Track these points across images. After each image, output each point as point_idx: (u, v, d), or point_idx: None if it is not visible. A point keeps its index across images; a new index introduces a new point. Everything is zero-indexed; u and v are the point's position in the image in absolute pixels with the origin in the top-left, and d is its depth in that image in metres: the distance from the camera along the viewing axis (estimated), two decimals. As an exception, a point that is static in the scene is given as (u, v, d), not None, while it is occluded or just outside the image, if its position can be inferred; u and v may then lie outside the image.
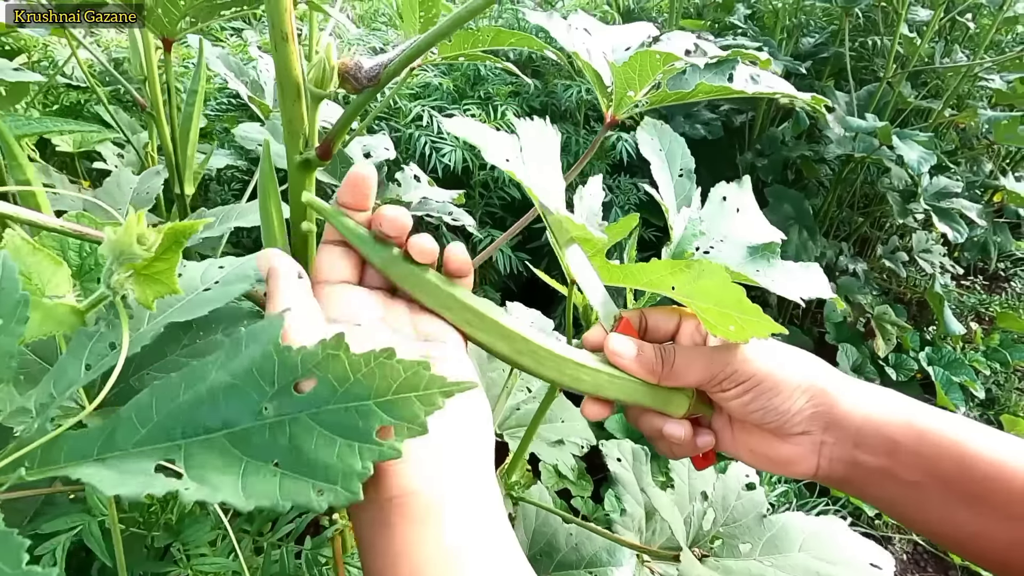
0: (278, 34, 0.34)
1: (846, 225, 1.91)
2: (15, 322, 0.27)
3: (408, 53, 0.34)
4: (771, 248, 0.56)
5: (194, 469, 0.24)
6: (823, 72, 1.77)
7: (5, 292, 0.27)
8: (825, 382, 0.37)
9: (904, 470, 0.35)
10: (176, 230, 0.29)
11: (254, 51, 1.20)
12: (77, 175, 1.20)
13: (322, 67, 0.35)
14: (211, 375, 0.25)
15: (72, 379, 0.28)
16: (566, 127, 1.62)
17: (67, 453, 0.25)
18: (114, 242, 0.28)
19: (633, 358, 0.36)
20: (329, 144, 0.37)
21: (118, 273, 0.29)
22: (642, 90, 0.56)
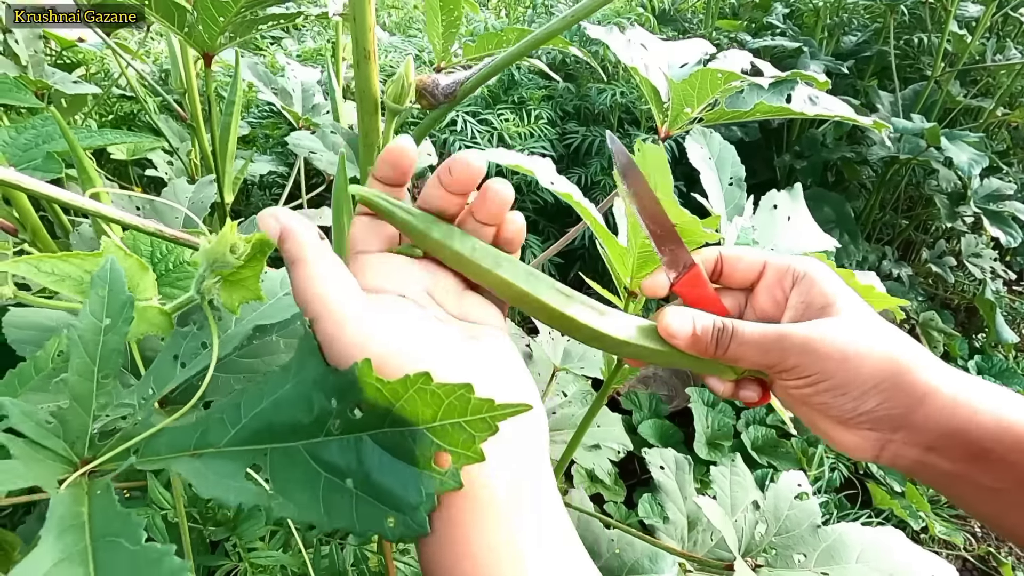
0: (361, 52, 0.35)
1: (889, 228, 1.85)
2: (122, 321, 0.29)
3: (484, 72, 0.35)
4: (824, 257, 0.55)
5: (279, 482, 0.25)
6: (865, 71, 1.72)
7: (113, 294, 0.29)
8: (909, 376, 0.32)
9: (987, 476, 0.32)
10: (262, 240, 0.31)
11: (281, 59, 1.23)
12: (130, 181, 1.25)
13: (401, 84, 0.37)
14: (287, 385, 0.27)
15: (168, 376, 0.30)
16: (599, 130, 1.62)
17: (167, 445, 0.27)
18: (209, 250, 0.30)
19: (687, 338, 0.33)
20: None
21: (208, 279, 0.31)
22: (699, 107, 0.56)
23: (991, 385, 0.33)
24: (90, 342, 0.29)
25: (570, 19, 0.35)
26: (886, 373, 0.32)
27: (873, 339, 0.32)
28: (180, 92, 0.70)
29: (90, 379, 0.29)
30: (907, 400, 0.32)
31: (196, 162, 1.01)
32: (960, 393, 0.32)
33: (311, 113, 0.83)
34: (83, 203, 0.34)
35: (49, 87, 0.91)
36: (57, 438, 0.27)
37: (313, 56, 1.73)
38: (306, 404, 0.26)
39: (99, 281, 0.30)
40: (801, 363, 0.32)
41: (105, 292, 0.30)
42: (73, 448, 0.27)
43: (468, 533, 0.25)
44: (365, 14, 0.36)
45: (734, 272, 0.37)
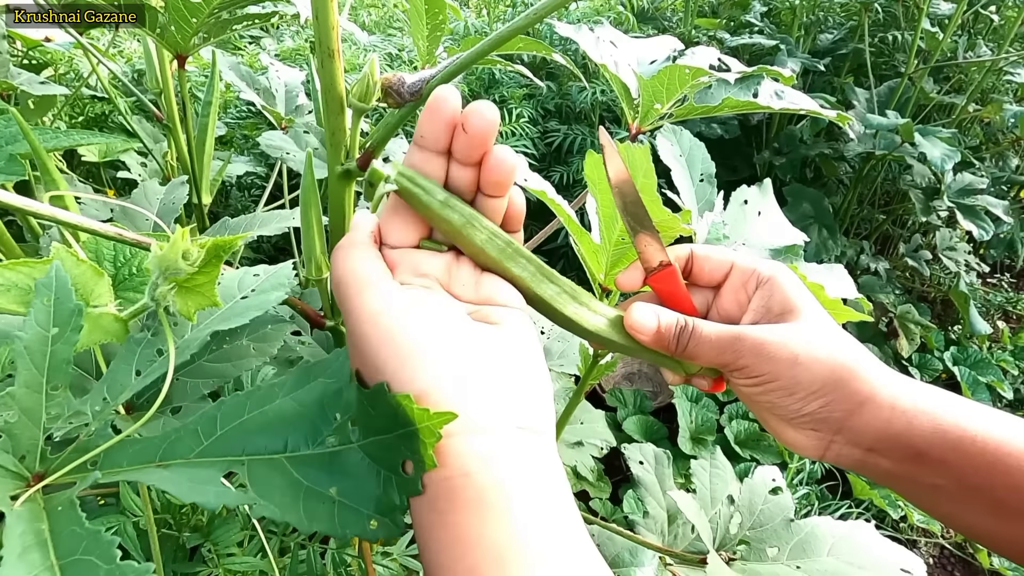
0: (324, 51, 0.34)
1: (867, 223, 1.88)
2: (70, 330, 0.28)
3: (450, 69, 0.35)
4: (794, 251, 0.55)
5: (258, 486, 0.25)
6: (842, 68, 1.74)
7: (60, 302, 0.29)
8: (852, 384, 0.34)
9: (926, 476, 0.33)
10: (217, 245, 0.30)
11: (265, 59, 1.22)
12: (102, 184, 1.22)
13: (366, 82, 0.36)
14: (277, 399, 0.27)
15: (124, 384, 0.30)
16: (581, 128, 1.62)
17: (130, 457, 0.27)
18: (160, 257, 0.29)
19: (651, 333, 0.35)
20: (370, 155, 0.38)
21: (162, 286, 0.30)
22: (669, 103, 0.56)
23: (931, 389, 0.35)
24: (37, 352, 0.28)
25: (533, 16, 0.35)
26: (830, 378, 0.33)
27: (823, 346, 0.34)
28: (156, 92, 0.69)
29: (39, 391, 0.28)
30: (847, 405, 0.33)
31: (172, 163, 0.99)
32: (900, 398, 0.34)
33: (294, 114, 0.82)
34: (36, 207, 0.33)
35: (15, 88, 0.89)
36: (6, 453, 0.26)
37: (292, 55, 1.71)
38: (303, 420, 0.27)
39: (44, 289, 0.29)
40: (751, 364, 0.34)
41: (51, 300, 0.29)
42: (23, 463, 0.27)
43: (464, 527, 0.24)
44: (328, 13, 0.36)
45: (702, 271, 0.38)
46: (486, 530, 0.24)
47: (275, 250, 1.51)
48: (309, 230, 0.44)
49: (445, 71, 0.38)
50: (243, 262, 1.27)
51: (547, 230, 0.61)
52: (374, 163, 0.32)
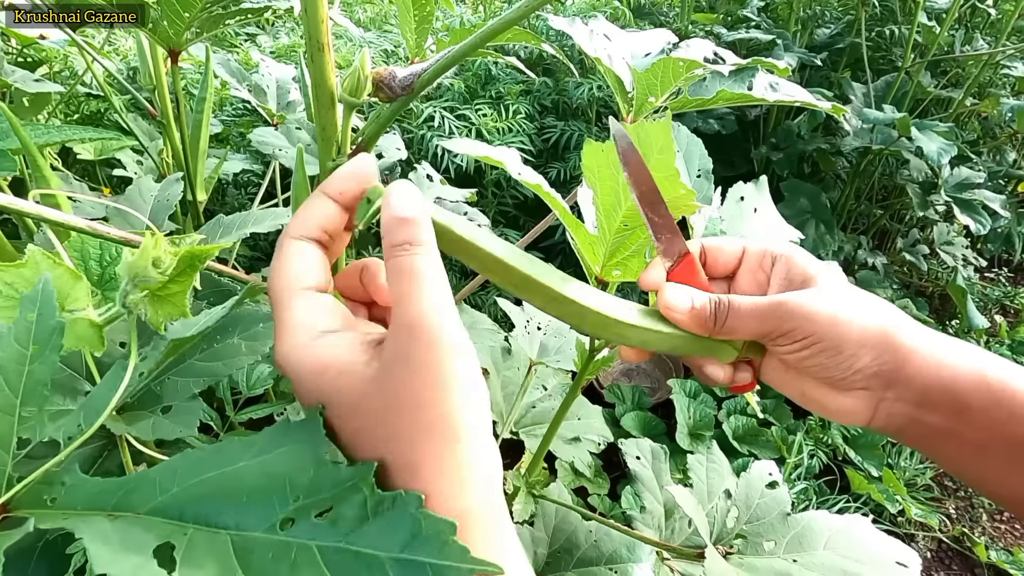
0: (314, 45, 0.34)
1: (864, 218, 1.88)
2: (50, 350, 0.27)
3: (441, 63, 0.35)
4: (790, 245, 0.55)
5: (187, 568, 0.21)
6: (839, 63, 1.74)
7: (43, 318, 0.27)
8: (895, 337, 0.33)
9: (971, 431, 0.33)
10: (192, 254, 0.29)
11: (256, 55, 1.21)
12: (98, 182, 1.22)
13: (357, 76, 0.36)
14: (242, 461, 0.24)
15: (100, 409, 0.29)
16: (577, 125, 1.62)
17: (88, 499, 0.25)
18: (130, 264, 0.28)
19: (686, 312, 0.35)
20: (361, 150, 0.37)
21: (133, 293, 0.29)
22: (663, 96, 0.56)
23: (970, 345, 0.35)
24: (12, 372, 0.27)
25: (526, 8, 0.35)
26: (875, 331, 0.33)
27: (858, 303, 0.34)
28: (149, 89, 0.69)
29: (11, 414, 0.26)
30: (896, 356, 0.33)
31: (168, 161, 0.99)
32: (942, 351, 0.34)
33: (286, 110, 0.82)
34: (20, 205, 0.33)
35: (9, 86, 0.89)
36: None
37: (287, 52, 1.70)
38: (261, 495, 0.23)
39: (28, 304, 0.27)
40: (797, 327, 0.34)
41: (34, 316, 0.27)
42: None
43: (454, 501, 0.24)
44: (317, 6, 0.36)
45: (716, 261, 0.38)
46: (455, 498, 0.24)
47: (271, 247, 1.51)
48: None
49: (437, 65, 0.37)
50: (239, 260, 1.26)
51: (541, 226, 0.61)
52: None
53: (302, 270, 0.28)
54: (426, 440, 0.24)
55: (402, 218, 0.27)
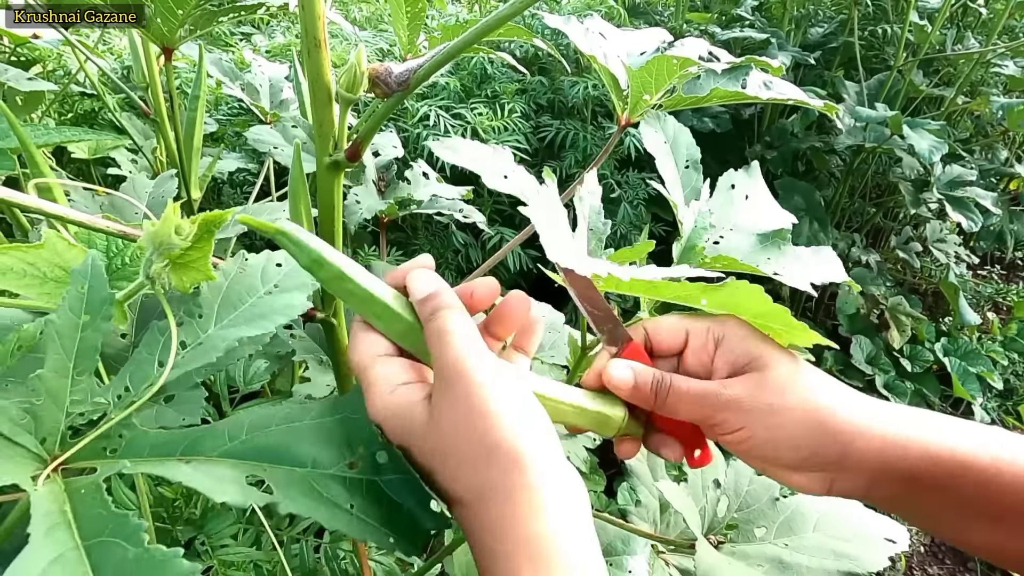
0: (311, 41, 0.35)
1: (858, 216, 1.89)
2: (100, 318, 0.29)
3: (437, 59, 0.35)
4: (782, 235, 0.56)
5: (281, 490, 0.27)
6: (832, 62, 1.75)
7: (94, 290, 0.29)
8: (837, 424, 0.34)
9: (926, 500, 0.34)
10: (208, 219, 0.31)
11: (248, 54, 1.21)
12: (93, 181, 1.22)
13: (353, 72, 0.37)
14: (305, 420, 0.30)
15: (146, 374, 0.30)
16: (573, 123, 1.62)
17: (152, 449, 0.28)
18: (153, 233, 0.30)
19: (629, 387, 0.36)
20: (358, 146, 0.38)
21: (156, 263, 0.30)
22: (658, 94, 0.56)
23: (917, 413, 0.35)
24: (67, 338, 0.29)
25: (519, 5, 0.36)
26: (810, 423, 0.34)
27: (796, 391, 0.34)
28: (143, 87, 0.69)
29: (65, 375, 0.29)
30: (838, 444, 0.34)
31: (163, 160, 0.99)
32: (889, 428, 0.34)
33: (279, 108, 0.82)
34: (25, 200, 0.33)
35: (2, 84, 0.88)
36: (28, 434, 0.27)
37: (283, 51, 1.70)
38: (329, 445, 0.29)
39: (79, 277, 0.30)
40: (729, 418, 0.34)
41: (85, 288, 0.30)
42: (44, 445, 0.27)
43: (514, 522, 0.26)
44: (314, 3, 0.36)
45: (660, 341, 0.39)
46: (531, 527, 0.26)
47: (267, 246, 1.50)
48: (298, 222, 0.44)
49: (432, 61, 0.38)
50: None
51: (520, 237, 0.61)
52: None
53: (373, 343, 0.33)
54: (487, 467, 0.27)
55: (424, 297, 0.32)
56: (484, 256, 1.67)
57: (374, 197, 0.70)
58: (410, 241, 1.62)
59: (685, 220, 0.49)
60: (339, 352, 0.53)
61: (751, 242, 0.54)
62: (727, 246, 0.52)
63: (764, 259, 0.53)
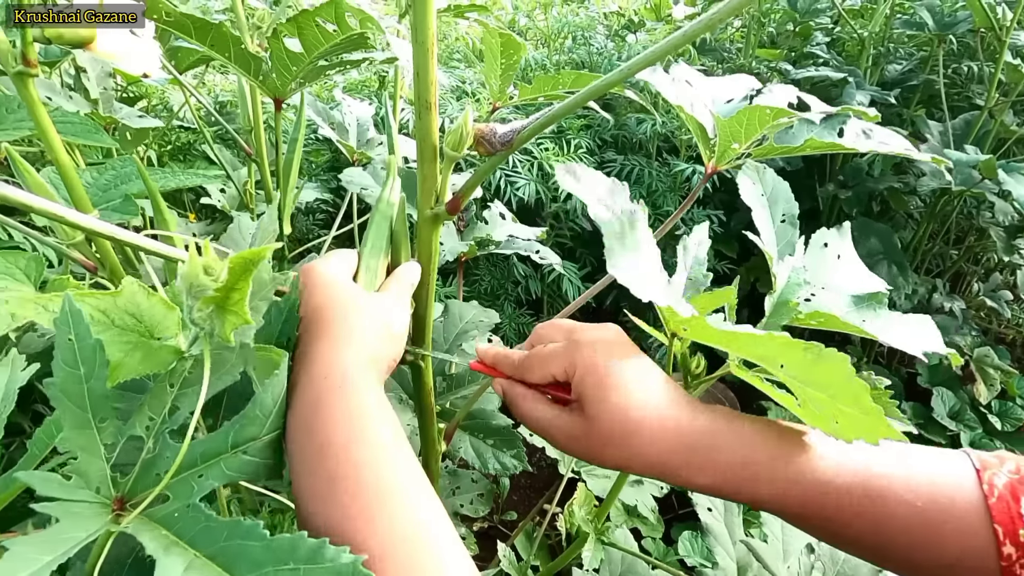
0: (423, 104, 0.36)
1: (938, 260, 1.79)
2: (98, 367, 0.29)
3: (539, 122, 0.36)
4: (878, 298, 0.53)
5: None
6: (911, 100, 1.68)
7: (81, 339, 0.29)
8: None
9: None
10: (245, 258, 0.29)
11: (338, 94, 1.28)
12: (184, 208, 1.30)
13: (460, 132, 0.38)
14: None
15: (162, 401, 0.31)
16: (638, 159, 1.62)
17: (202, 456, 0.29)
18: (184, 275, 0.28)
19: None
20: (459, 201, 0.39)
21: (198, 309, 0.30)
22: (747, 143, 0.56)
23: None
24: (74, 393, 0.29)
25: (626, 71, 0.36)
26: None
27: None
28: (247, 130, 0.74)
29: (88, 427, 0.29)
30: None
31: (251, 191, 1.05)
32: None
33: (365, 147, 0.86)
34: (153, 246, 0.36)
35: (117, 122, 0.96)
36: (83, 489, 0.27)
37: (358, 87, 1.79)
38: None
39: (63, 328, 0.29)
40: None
41: (72, 336, 0.29)
42: (100, 494, 0.28)
43: (346, 407, 0.33)
44: (428, 70, 0.38)
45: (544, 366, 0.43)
46: (351, 405, 0.34)
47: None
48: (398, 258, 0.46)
49: (536, 124, 0.39)
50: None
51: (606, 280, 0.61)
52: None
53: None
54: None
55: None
56: (543, 288, 1.67)
57: (454, 238, 0.72)
58: (471, 272, 1.64)
59: (779, 274, 0.48)
60: (424, 394, 0.53)
61: (845, 302, 0.52)
62: (820, 304, 0.51)
63: (860, 320, 0.51)
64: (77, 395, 0.28)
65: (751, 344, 0.33)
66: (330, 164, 1.68)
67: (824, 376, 0.32)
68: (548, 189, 1.51)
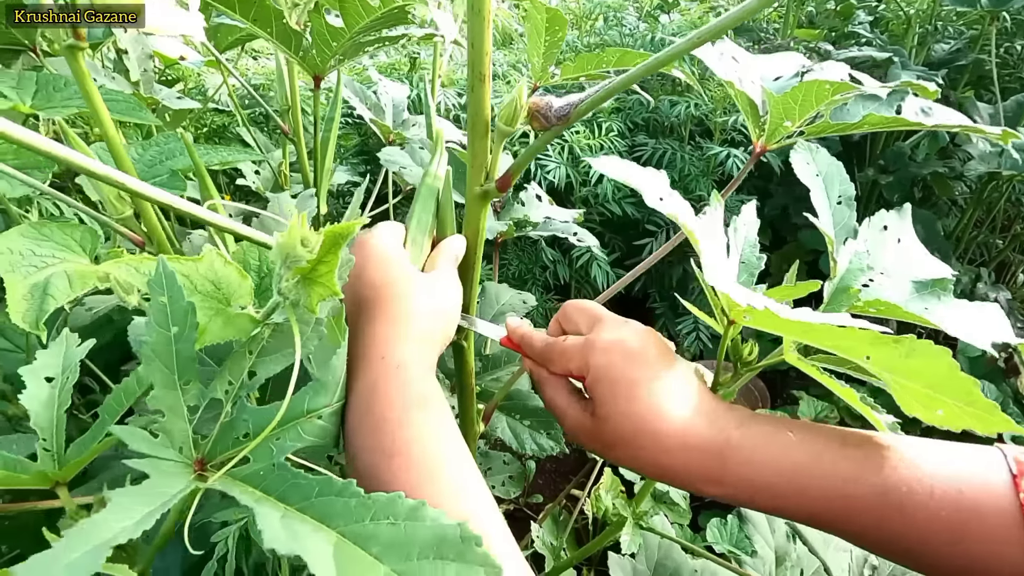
0: (476, 76, 0.35)
1: (982, 249, 1.72)
2: (188, 328, 0.30)
3: (600, 95, 0.35)
4: (943, 284, 0.51)
5: None
6: (958, 81, 1.61)
7: (174, 301, 0.30)
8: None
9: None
10: (336, 232, 0.30)
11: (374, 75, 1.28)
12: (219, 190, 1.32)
13: (514, 106, 0.37)
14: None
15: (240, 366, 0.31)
16: (671, 142, 1.59)
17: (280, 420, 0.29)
18: (281, 245, 0.29)
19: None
20: (509, 177, 0.38)
21: (287, 278, 0.30)
22: (800, 121, 0.53)
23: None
24: (163, 352, 0.30)
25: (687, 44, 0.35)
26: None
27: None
28: (284, 110, 0.74)
29: (174, 388, 0.30)
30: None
31: (286, 172, 1.05)
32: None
33: (401, 127, 0.85)
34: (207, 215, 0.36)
35: (157, 102, 0.98)
36: (167, 448, 0.28)
37: (388, 69, 1.78)
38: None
39: (157, 288, 0.30)
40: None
41: (166, 299, 0.30)
42: (183, 453, 0.29)
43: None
44: (483, 41, 0.37)
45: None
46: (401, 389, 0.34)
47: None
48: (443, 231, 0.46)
49: (595, 96, 0.38)
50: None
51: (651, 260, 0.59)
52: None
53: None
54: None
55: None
56: (572, 273, 1.66)
57: (492, 218, 0.71)
58: (500, 256, 1.64)
59: (840, 259, 0.46)
60: (465, 374, 0.53)
61: (907, 289, 0.50)
62: (878, 291, 0.49)
63: (922, 308, 0.49)
64: (166, 355, 0.29)
65: (831, 335, 0.32)
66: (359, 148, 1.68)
67: (920, 369, 0.31)
68: (578, 173, 1.49)
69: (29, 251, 0.33)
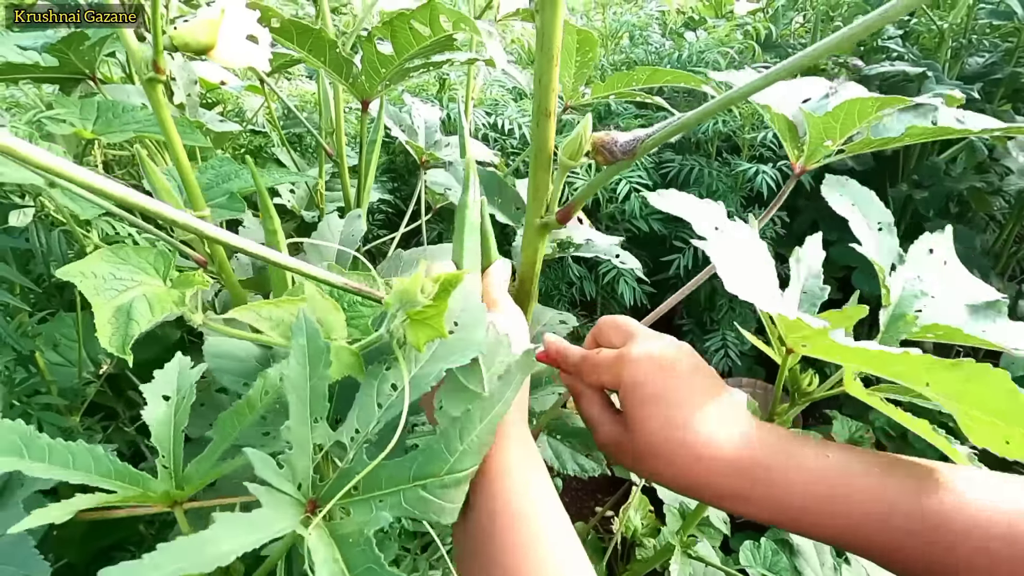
0: (542, 111, 0.36)
1: (1021, 265, 1.68)
2: (323, 367, 0.31)
3: (668, 130, 0.36)
4: (997, 306, 0.51)
5: None
6: (994, 95, 1.59)
7: (312, 342, 0.31)
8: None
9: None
10: (448, 280, 0.32)
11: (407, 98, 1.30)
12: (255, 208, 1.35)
13: (578, 141, 0.38)
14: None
15: (369, 415, 0.32)
16: (697, 159, 1.59)
17: (386, 480, 0.29)
18: (401, 292, 0.31)
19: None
20: (570, 210, 0.39)
21: (398, 318, 0.32)
22: (841, 139, 0.54)
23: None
24: (300, 388, 0.31)
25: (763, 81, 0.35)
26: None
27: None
28: (329, 132, 0.76)
29: (305, 424, 0.31)
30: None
31: (322, 191, 1.08)
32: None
33: (433, 148, 0.87)
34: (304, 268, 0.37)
35: (202, 125, 1.01)
36: (289, 482, 0.29)
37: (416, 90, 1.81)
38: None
39: (299, 331, 0.32)
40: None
41: (304, 341, 0.32)
42: (300, 490, 0.29)
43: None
44: (551, 79, 0.38)
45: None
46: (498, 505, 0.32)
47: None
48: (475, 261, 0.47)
49: (663, 131, 0.38)
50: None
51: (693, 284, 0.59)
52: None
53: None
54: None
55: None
56: (598, 289, 1.65)
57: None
58: (527, 272, 1.64)
59: (893, 287, 0.46)
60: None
61: (961, 312, 0.50)
62: (934, 315, 0.48)
63: (980, 331, 0.48)
64: (302, 391, 0.31)
65: (888, 361, 0.31)
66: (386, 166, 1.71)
67: (980, 395, 0.30)
68: (605, 189, 1.49)
69: (111, 275, 0.35)
